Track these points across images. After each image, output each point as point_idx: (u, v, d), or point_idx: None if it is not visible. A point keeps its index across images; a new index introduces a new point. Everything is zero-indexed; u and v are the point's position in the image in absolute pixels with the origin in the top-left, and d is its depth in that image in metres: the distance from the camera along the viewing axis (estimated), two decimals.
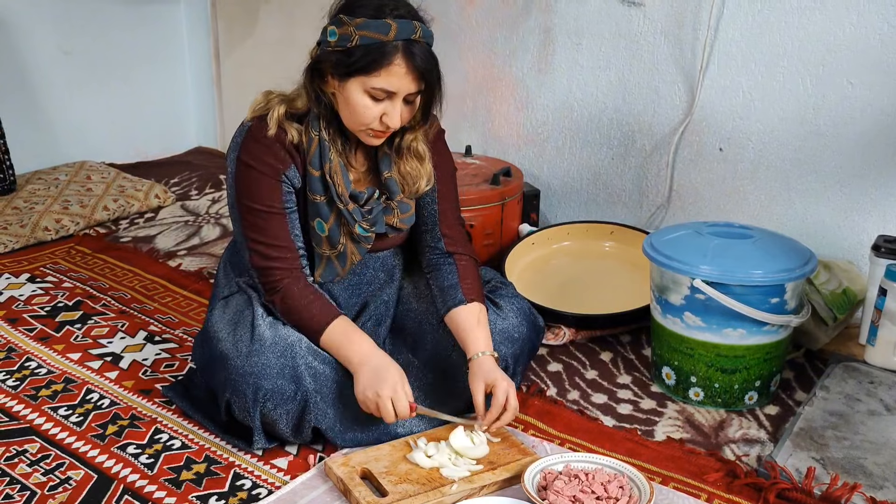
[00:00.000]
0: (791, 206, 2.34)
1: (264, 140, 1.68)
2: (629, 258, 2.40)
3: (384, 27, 1.56)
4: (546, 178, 2.80)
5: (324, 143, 1.69)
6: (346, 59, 1.59)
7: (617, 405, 1.95)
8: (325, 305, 1.71)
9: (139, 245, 2.77)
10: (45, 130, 3.34)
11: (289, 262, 1.71)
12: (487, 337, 1.74)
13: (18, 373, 2.00)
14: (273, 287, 1.71)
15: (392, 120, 1.62)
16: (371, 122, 1.63)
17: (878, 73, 2.13)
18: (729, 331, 1.86)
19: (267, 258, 1.71)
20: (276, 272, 1.71)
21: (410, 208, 1.80)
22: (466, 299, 1.76)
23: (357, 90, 1.60)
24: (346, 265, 1.78)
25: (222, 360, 1.68)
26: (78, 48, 3.36)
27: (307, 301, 1.70)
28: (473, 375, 1.69)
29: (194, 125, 3.84)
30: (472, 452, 1.65)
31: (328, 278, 1.79)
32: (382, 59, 1.57)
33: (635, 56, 2.52)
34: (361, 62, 1.57)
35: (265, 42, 3.43)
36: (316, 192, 1.71)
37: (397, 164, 1.75)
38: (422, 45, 1.60)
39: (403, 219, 1.80)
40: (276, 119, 1.68)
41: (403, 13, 1.59)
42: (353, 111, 1.63)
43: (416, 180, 1.76)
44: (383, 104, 1.61)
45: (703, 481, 1.67)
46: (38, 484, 1.62)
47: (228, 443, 1.74)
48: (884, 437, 1.76)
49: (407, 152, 1.74)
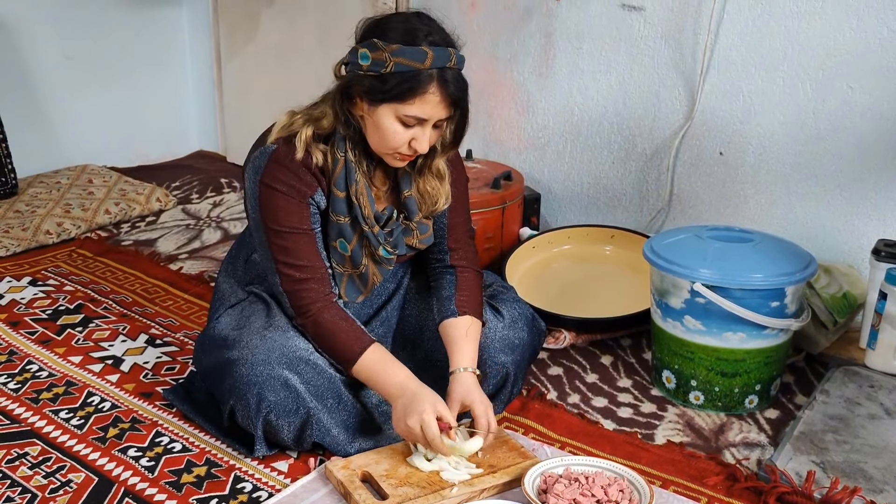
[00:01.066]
0: (791, 210, 2.34)
1: (291, 165, 1.65)
2: (630, 262, 2.40)
3: (420, 55, 1.54)
4: (547, 182, 2.80)
5: (350, 165, 1.67)
6: (381, 85, 1.56)
7: (617, 409, 1.95)
8: (355, 334, 1.68)
9: (140, 248, 2.77)
10: (47, 134, 3.35)
11: (318, 282, 1.69)
12: (473, 352, 1.72)
13: (20, 376, 2.00)
14: (305, 310, 1.68)
15: (421, 145, 1.61)
16: (400, 147, 1.62)
17: (878, 77, 2.14)
18: (729, 334, 1.86)
19: (297, 281, 1.68)
20: (308, 294, 1.68)
21: (429, 229, 1.80)
22: (458, 311, 1.75)
23: (388, 116, 1.59)
24: (369, 285, 1.77)
25: (229, 366, 1.67)
26: (80, 52, 3.37)
27: (338, 329, 1.67)
28: (450, 391, 1.67)
29: (196, 129, 3.84)
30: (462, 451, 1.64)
31: (351, 298, 1.77)
32: (418, 87, 1.55)
33: (636, 60, 2.53)
34: (396, 90, 1.55)
35: (267, 46, 3.44)
36: (340, 214, 1.69)
37: (417, 183, 1.75)
38: (455, 71, 1.58)
39: (423, 239, 1.79)
40: (304, 142, 1.65)
41: (438, 39, 1.57)
42: (383, 136, 1.61)
43: (434, 199, 1.75)
44: (413, 130, 1.60)
45: (704, 485, 1.67)
46: (38, 487, 1.62)
47: (229, 446, 1.75)
48: (884, 440, 1.76)
49: (428, 172, 1.74)
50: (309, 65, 3.18)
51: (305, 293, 1.68)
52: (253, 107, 3.50)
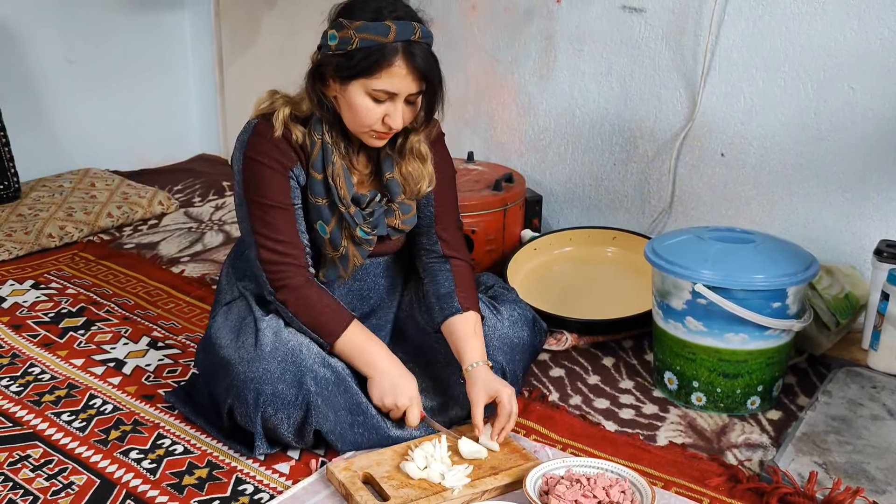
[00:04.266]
0: (793, 211, 2.34)
1: (272, 138, 1.69)
2: (631, 264, 2.40)
3: (383, 29, 1.57)
4: (548, 184, 2.81)
5: (327, 147, 1.70)
6: (347, 62, 1.60)
7: (619, 410, 1.95)
8: (337, 309, 1.72)
9: (143, 252, 2.78)
10: (50, 138, 3.36)
11: (296, 259, 1.72)
12: (482, 346, 1.74)
13: (22, 378, 2.01)
14: (281, 284, 1.71)
15: (394, 121, 1.63)
16: (373, 124, 1.64)
17: (879, 78, 2.14)
18: (731, 335, 1.86)
19: (275, 253, 1.71)
20: (285, 268, 1.71)
21: (412, 209, 1.81)
22: (462, 308, 1.76)
23: (359, 92, 1.61)
24: (349, 267, 1.79)
25: (225, 366, 1.68)
26: (82, 56, 3.38)
27: (320, 304, 1.71)
28: (472, 387, 1.70)
29: (198, 133, 3.85)
30: (479, 456, 1.65)
31: (331, 278, 1.80)
32: (383, 60, 1.58)
33: (637, 62, 2.53)
34: (362, 65, 1.58)
35: (268, 50, 3.45)
36: (318, 195, 1.72)
37: (399, 165, 1.76)
38: (421, 45, 1.61)
39: (405, 220, 1.80)
40: (281, 120, 1.69)
41: (402, 14, 1.60)
42: (356, 113, 1.64)
43: (417, 181, 1.76)
44: (385, 105, 1.62)
45: (706, 486, 1.67)
46: (40, 489, 1.63)
47: (230, 448, 1.75)
48: (886, 441, 1.76)
49: (409, 153, 1.75)
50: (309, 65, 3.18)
51: (284, 268, 1.71)
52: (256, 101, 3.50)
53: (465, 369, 1.72)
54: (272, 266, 1.71)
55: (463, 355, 1.73)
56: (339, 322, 1.71)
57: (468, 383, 1.71)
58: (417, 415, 1.70)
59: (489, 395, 1.69)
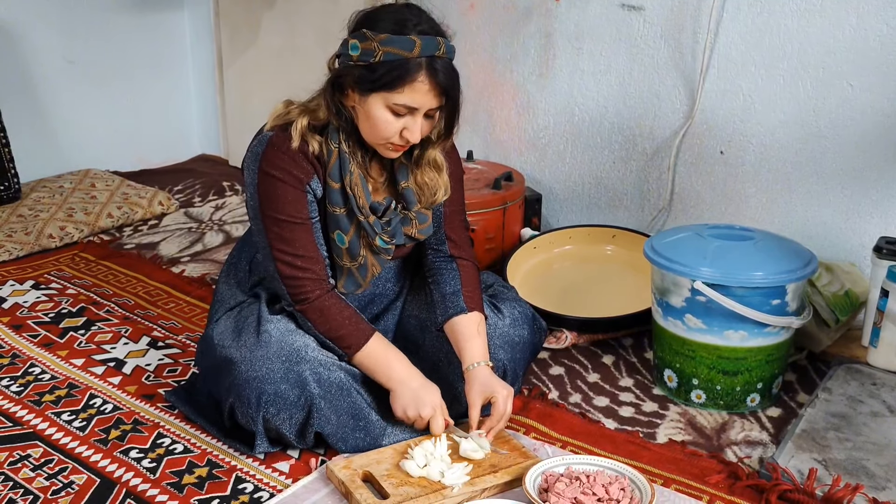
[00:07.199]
0: (792, 208, 2.34)
1: (288, 151, 1.66)
2: (631, 262, 2.40)
3: (408, 44, 1.55)
4: (548, 183, 2.81)
5: (344, 156, 1.68)
6: (369, 74, 1.58)
7: (619, 408, 1.95)
8: (358, 322, 1.72)
9: (143, 252, 2.78)
10: (50, 139, 3.36)
11: (316, 273, 1.71)
12: (484, 346, 1.74)
13: (22, 378, 2.01)
14: (302, 298, 1.70)
15: (412, 135, 1.62)
16: (391, 137, 1.63)
17: (878, 74, 2.14)
18: (730, 333, 1.86)
19: (294, 268, 1.69)
20: (305, 283, 1.70)
21: (428, 219, 1.80)
22: (467, 308, 1.76)
23: (378, 105, 1.60)
24: (367, 277, 1.78)
25: (227, 365, 1.68)
26: (82, 57, 3.38)
27: (340, 317, 1.71)
28: (471, 387, 1.70)
29: (197, 133, 3.85)
30: (477, 456, 1.65)
31: (350, 289, 1.78)
32: (406, 75, 1.56)
33: (636, 60, 2.53)
34: (385, 79, 1.57)
35: (268, 50, 3.45)
36: (336, 205, 1.70)
37: (414, 175, 1.75)
38: (444, 60, 1.59)
39: (422, 229, 1.79)
40: (299, 131, 1.66)
41: (426, 29, 1.58)
42: (374, 126, 1.62)
43: (433, 191, 1.76)
44: (404, 119, 1.61)
45: (705, 483, 1.67)
46: (41, 488, 1.63)
47: (230, 447, 1.75)
48: (886, 438, 1.76)
49: (425, 163, 1.74)
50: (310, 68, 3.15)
51: (303, 283, 1.70)
52: (254, 110, 3.50)
53: (466, 369, 1.72)
54: (292, 281, 1.70)
55: (464, 354, 1.73)
56: (359, 335, 1.71)
57: (467, 383, 1.71)
58: (442, 423, 1.69)
59: (486, 395, 1.69)
